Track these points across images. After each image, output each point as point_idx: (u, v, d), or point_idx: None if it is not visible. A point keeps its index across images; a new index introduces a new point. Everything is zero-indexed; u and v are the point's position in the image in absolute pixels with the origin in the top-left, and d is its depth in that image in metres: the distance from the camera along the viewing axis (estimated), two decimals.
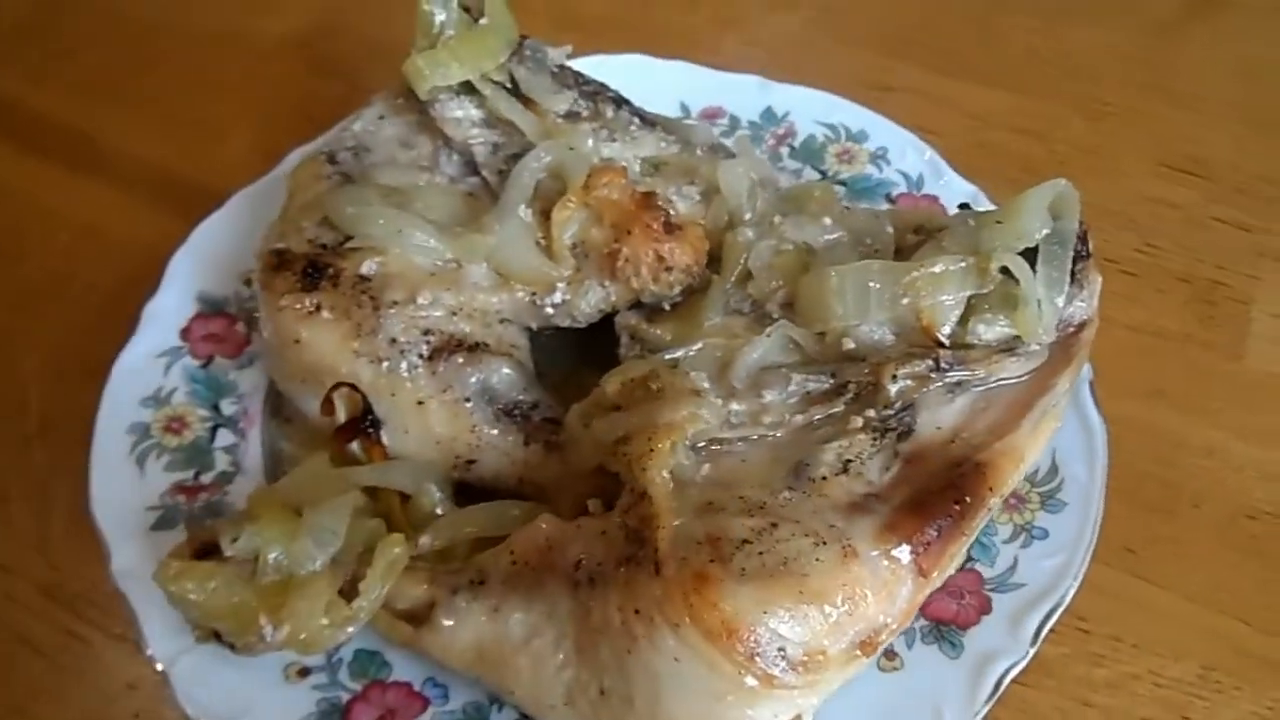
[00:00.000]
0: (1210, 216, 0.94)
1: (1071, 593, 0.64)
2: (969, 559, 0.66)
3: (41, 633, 0.71)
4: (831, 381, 0.64)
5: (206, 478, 0.72)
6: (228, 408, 0.76)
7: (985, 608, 0.64)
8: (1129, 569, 0.72)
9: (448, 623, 0.58)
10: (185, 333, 0.79)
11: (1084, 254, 0.66)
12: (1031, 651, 0.62)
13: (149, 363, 0.77)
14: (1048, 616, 0.63)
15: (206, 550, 0.60)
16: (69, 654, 0.70)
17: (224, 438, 0.74)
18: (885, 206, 0.86)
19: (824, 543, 0.54)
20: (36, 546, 0.75)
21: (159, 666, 0.61)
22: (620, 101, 0.83)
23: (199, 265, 0.82)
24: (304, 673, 0.62)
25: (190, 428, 0.74)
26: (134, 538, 0.68)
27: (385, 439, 0.68)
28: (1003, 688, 0.60)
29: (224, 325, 0.80)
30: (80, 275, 0.92)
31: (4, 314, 0.90)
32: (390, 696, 0.62)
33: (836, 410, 0.62)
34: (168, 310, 0.79)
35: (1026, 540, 0.67)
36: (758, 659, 0.51)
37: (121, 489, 0.70)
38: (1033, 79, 1.07)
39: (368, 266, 0.70)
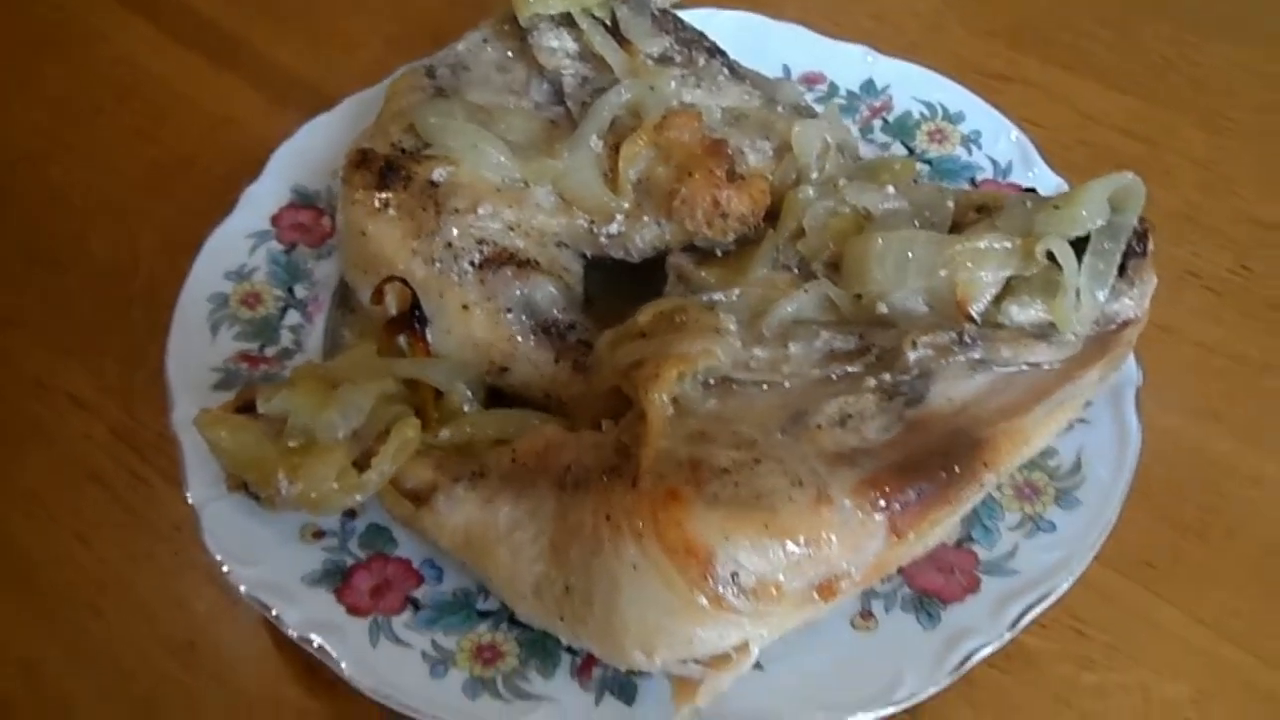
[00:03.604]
0: None
1: (1064, 588, 0.63)
2: (969, 539, 0.66)
3: (110, 470, 0.78)
4: (858, 342, 0.65)
5: (270, 351, 0.77)
6: (300, 291, 0.81)
7: (973, 587, 0.63)
8: (1144, 583, 0.70)
9: (444, 506, 0.62)
10: (275, 219, 0.84)
11: (1139, 251, 0.64)
12: (1008, 636, 0.61)
13: (238, 241, 0.83)
14: (1032, 606, 0.62)
15: (246, 407, 0.65)
16: (131, 492, 0.77)
17: (292, 318, 0.79)
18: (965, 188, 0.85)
19: (801, 484, 0.55)
20: (119, 395, 0.82)
21: (189, 500, 0.67)
22: (715, 52, 0.85)
23: (300, 159, 0.88)
24: (319, 535, 0.67)
25: (264, 304, 0.80)
26: (196, 393, 0.73)
27: (429, 336, 0.72)
28: (970, 664, 0.60)
29: (312, 217, 0.85)
30: (203, 160, 0.99)
31: (133, 187, 0.97)
32: (390, 569, 0.66)
33: (854, 370, 0.63)
34: (263, 196, 0.85)
35: (1031, 530, 0.66)
36: (710, 580, 0.52)
37: (194, 349, 0.76)
38: (1158, 86, 1.03)
39: (438, 174, 0.74)
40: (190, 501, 0.67)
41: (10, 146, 1.01)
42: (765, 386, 0.63)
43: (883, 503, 0.55)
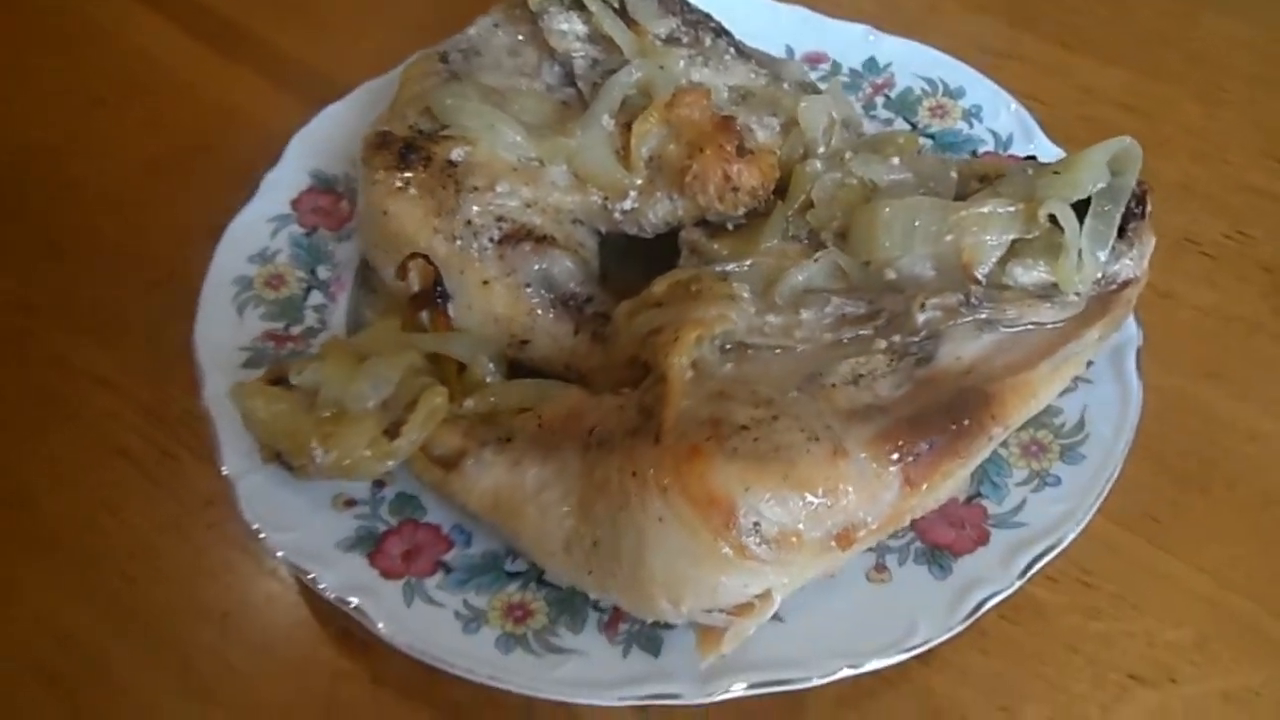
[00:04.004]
0: None
1: (1070, 538, 0.65)
2: (978, 495, 0.68)
3: (139, 447, 0.80)
4: (868, 307, 0.67)
5: (295, 330, 0.79)
6: (323, 273, 0.83)
7: (983, 540, 0.66)
8: (1149, 536, 0.72)
9: (473, 470, 0.64)
10: (295, 203, 0.86)
11: (1138, 213, 0.66)
12: (1018, 584, 0.64)
13: (260, 225, 0.85)
14: (1040, 556, 0.64)
15: (278, 380, 0.67)
16: (161, 468, 0.79)
17: (315, 298, 0.82)
18: None
19: (817, 439, 0.57)
20: (144, 375, 0.84)
21: (224, 471, 0.69)
22: (720, 32, 0.87)
23: (317, 145, 0.90)
24: (350, 503, 0.69)
25: (287, 285, 0.82)
26: (225, 371, 0.75)
27: (451, 312, 0.74)
28: (981, 612, 0.62)
29: (331, 201, 0.87)
30: (213, 149, 1.01)
31: (145, 176, 0.99)
32: (420, 534, 0.68)
33: (865, 333, 0.65)
34: (283, 181, 0.87)
35: (1038, 485, 0.68)
36: (733, 530, 0.55)
37: (221, 329, 0.78)
38: (1154, 60, 1.06)
39: (456, 153, 0.76)
40: (225, 473, 0.69)
41: (22, 138, 1.03)
42: (779, 351, 0.65)
43: (896, 455, 0.58)
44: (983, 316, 0.64)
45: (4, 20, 1.14)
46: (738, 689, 0.59)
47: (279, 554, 0.66)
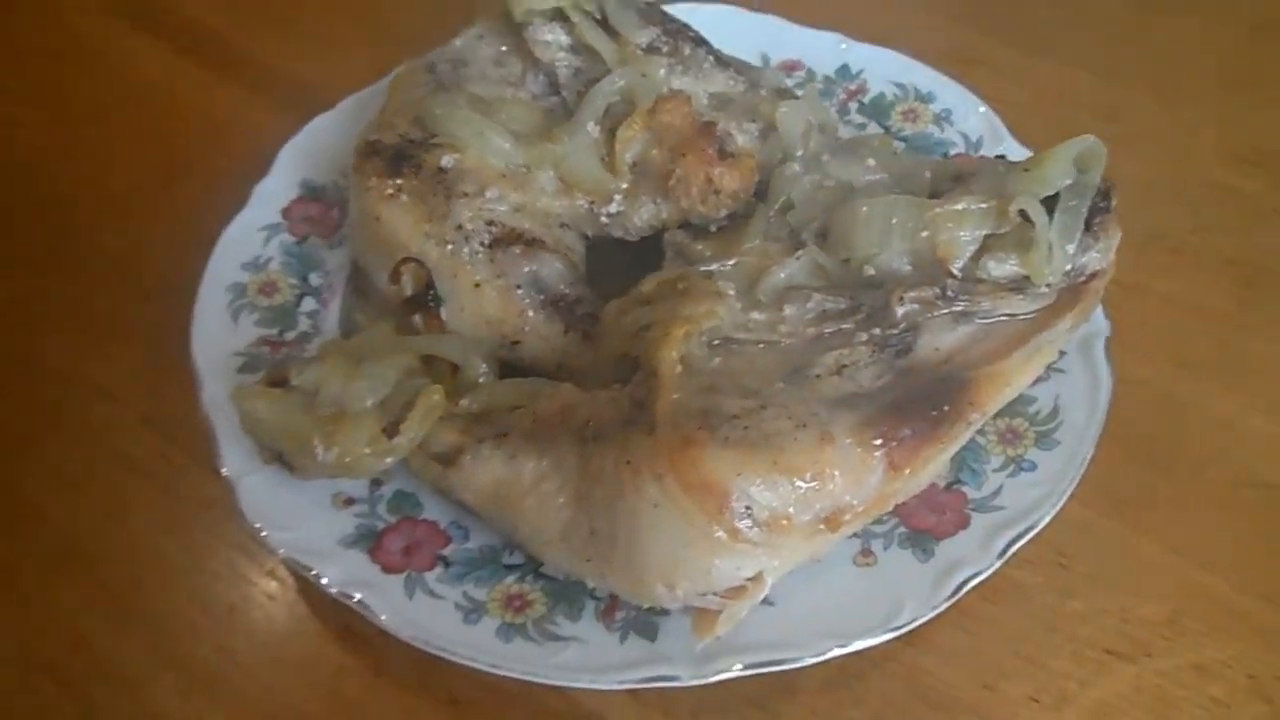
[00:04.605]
0: (1272, 208, 0.95)
1: (1046, 519, 0.68)
2: (958, 481, 0.71)
3: (138, 453, 0.81)
4: (848, 303, 0.69)
5: (289, 335, 0.81)
6: (315, 280, 0.85)
7: (964, 524, 0.68)
8: (1121, 519, 0.75)
9: (471, 465, 0.66)
10: (286, 212, 0.88)
11: (1104, 208, 0.69)
12: (998, 564, 0.66)
13: (252, 234, 0.86)
14: (1019, 537, 0.67)
15: (278, 382, 0.69)
16: (162, 473, 0.80)
17: (308, 304, 0.83)
18: None
19: (804, 426, 0.60)
20: (142, 383, 0.85)
21: (224, 471, 0.70)
22: (699, 42, 0.90)
23: (306, 156, 0.92)
24: (349, 502, 0.71)
25: (280, 292, 0.84)
26: (222, 376, 0.77)
27: (444, 314, 0.76)
28: (963, 591, 0.65)
29: (321, 209, 0.89)
30: (205, 162, 1.02)
31: (140, 189, 1.01)
32: (419, 531, 0.70)
33: (846, 327, 0.68)
34: (273, 191, 0.89)
35: (1015, 471, 0.71)
36: (726, 514, 0.57)
37: (217, 336, 0.80)
38: (1118, 63, 1.09)
39: (446, 160, 0.78)
40: (226, 475, 0.71)
41: (16, 153, 1.05)
42: (763, 345, 0.68)
43: (880, 440, 0.60)
44: (959, 309, 0.67)
45: None
46: (734, 670, 0.62)
47: (281, 552, 0.68)
